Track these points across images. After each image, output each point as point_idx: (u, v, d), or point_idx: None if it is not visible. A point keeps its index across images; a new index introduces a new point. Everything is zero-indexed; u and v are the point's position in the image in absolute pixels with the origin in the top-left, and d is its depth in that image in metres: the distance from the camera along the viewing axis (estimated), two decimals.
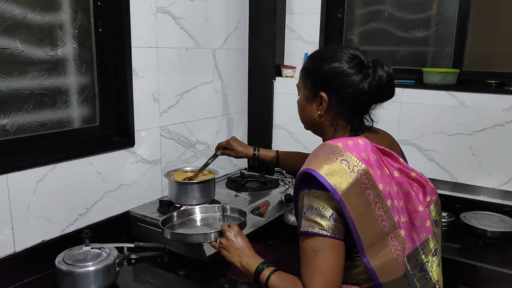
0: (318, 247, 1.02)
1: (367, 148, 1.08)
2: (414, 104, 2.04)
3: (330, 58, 1.15)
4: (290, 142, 2.41)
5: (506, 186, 1.92)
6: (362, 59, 1.14)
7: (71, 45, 1.62)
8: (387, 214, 1.06)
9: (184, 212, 1.57)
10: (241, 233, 1.30)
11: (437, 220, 1.20)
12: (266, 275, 1.14)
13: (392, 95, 1.17)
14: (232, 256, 1.25)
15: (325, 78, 1.15)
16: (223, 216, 1.58)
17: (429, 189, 1.18)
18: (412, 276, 1.11)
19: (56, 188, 1.51)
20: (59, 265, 1.35)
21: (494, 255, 1.76)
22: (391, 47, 2.29)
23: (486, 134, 1.92)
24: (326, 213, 1.03)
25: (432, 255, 1.16)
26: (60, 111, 1.61)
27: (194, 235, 1.36)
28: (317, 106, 1.18)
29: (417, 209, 1.12)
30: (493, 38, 2.07)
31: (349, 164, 1.04)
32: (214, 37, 2.14)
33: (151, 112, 1.86)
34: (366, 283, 1.13)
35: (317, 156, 1.08)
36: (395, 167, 1.13)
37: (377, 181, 1.05)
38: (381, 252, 1.05)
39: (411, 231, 1.12)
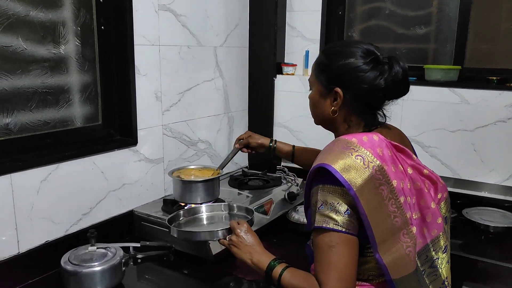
0: (333, 243, 1.02)
1: (381, 144, 1.08)
2: (416, 101, 2.05)
3: (345, 53, 1.14)
4: (291, 139, 2.40)
5: (508, 182, 1.93)
6: (377, 55, 1.13)
7: (73, 43, 1.60)
8: (400, 210, 1.06)
9: (190, 210, 1.56)
10: (251, 230, 1.29)
11: (446, 217, 1.20)
12: (279, 272, 1.13)
13: (407, 91, 1.16)
14: (242, 253, 1.24)
15: (340, 73, 1.14)
16: (229, 215, 1.57)
17: (440, 186, 1.18)
18: (422, 272, 1.12)
19: (59, 187, 1.49)
20: (64, 265, 1.33)
21: (496, 250, 1.77)
22: (392, 44, 2.30)
23: (488, 130, 1.92)
24: (341, 209, 1.03)
25: (442, 252, 1.16)
26: (63, 110, 1.60)
27: (201, 232, 1.35)
28: (331, 101, 1.17)
29: (429, 205, 1.12)
30: (494, 35, 2.08)
31: (364, 160, 1.04)
32: (215, 34, 2.13)
33: (154, 111, 1.84)
34: (376, 279, 1.12)
35: (331, 151, 1.08)
36: (408, 163, 1.13)
37: (391, 178, 1.05)
38: (393, 248, 1.05)
39: (422, 227, 1.12)
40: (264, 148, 1.77)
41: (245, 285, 1.45)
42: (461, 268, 1.70)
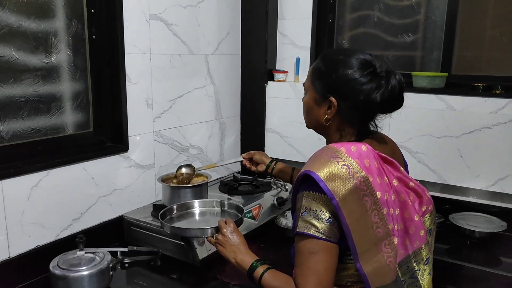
0: (313, 249, 1.04)
1: (369, 155, 1.09)
2: (404, 107, 2.03)
3: (343, 63, 1.14)
4: (282, 145, 2.44)
5: (494, 188, 1.95)
6: (375, 68, 1.14)
7: (65, 52, 1.64)
8: (383, 221, 1.07)
9: (183, 205, 1.60)
10: (237, 230, 1.32)
11: (431, 229, 1.22)
12: (260, 272, 1.16)
13: (401, 105, 1.18)
14: (227, 252, 1.27)
15: (337, 83, 1.15)
16: (221, 211, 1.61)
17: (426, 199, 1.19)
18: (402, 282, 1.13)
19: (50, 193, 1.53)
20: (53, 269, 1.37)
21: (481, 255, 1.80)
22: (381, 52, 2.33)
23: (473, 136, 1.96)
24: (323, 216, 1.05)
25: (424, 263, 1.18)
26: (55, 118, 1.64)
27: (192, 229, 1.39)
28: (325, 110, 1.18)
29: (412, 218, 1.13)
30: (480, 42, 2.12)
31: (349, 170, 1.05)
32: (206, 43, 2.17)
33: (145, 118, 1.88)
34: (354, 285, 1.14)
35: (319, 158, 1.09)
36: (395, 175, 1.13)
37: (376, 189, 1.07)
38: (374, 258, 1.07)
39: (404, 238, 1.13)
40: (264, 166, 1.76)
41: None
42: (446, 273, 1.72)
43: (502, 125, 1.89)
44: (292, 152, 2.40)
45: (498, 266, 1.69)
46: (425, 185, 2.08)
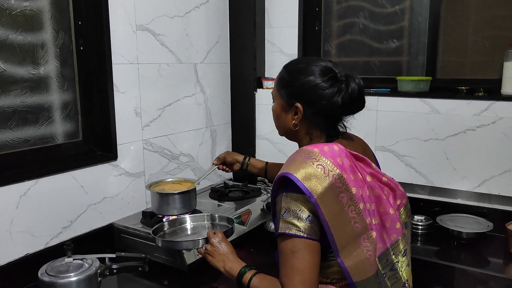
0: (295, 248, 1.07)
1: (341, 153, 1.14)
2: (390, 112, 2.11)
3: (305, 71, 1.20)
4: (273, 152, 2.47)
5: (480, 189, 1.98)
6: (335, 73, 1.19)
7: (53, 64, 1.67)
8: (360, 216, 1.11)
9: (175, 221, 1.63)
10: (225, 239, 1.36)
11: (406, 223, 1.25)
12: (248, 278, 1.19)
13: (363, 107, 1.23)
14: (216, 261, 1.31)
15: (300, 90, 1.20)
16: (212, 224, 1.64)
17: (399, 193, 1.23)
18: (383, 275, 1.16)
19: (39, 202, 1.56)
20: (41, 276, 1.38)
21: (469, 255, 1.81)
22: (367, 58, 2.37)
23: (458, 138, 1.98)
24: (303, 215, 1.08)
25: (402, 255, 1.21)
26: (43, 128, 1.66)
27: (184, 242, 1.42)
28: (292, 116, 1.23)
29: (388, 211, 1.17)
30: (463, 47, 2.15)
31: (324, 169, 1.09)
32: (195, 52, 2.21)
33: (134, 126, 1.91)
34: (339, 282, 1.17)
35: (294, 160, 1.13)
36: (367, 171, 1.18)
37: (351, 185, 1.11)
38: (354, 252, 1.10)
39: (382, 232, 1.17)
40: (239, 164, 1.81)
41: None
42: (434, 274, 1.74)
43: (485, 126, 1.92)
44: (283, 158, 2.38)
45: (486, 266, 1.70)
46: (413, 188, 2.14)
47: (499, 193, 1.94)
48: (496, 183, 1.94)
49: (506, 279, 1.61)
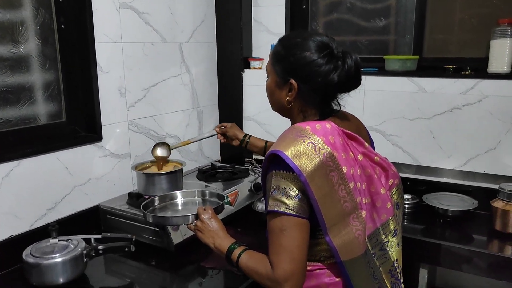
0: (284, 226, 1.07)
1: (334, 132, 1.13)
2: (377, 91, 2.11)
3: (301, 46, 1.16)
4: (260, 132, 2.45)
5: (465, 167, 1.99)
6: (332, 49, 1.16)
7: (33, 42, 1.63)
8: (350, 195, 1.11)
9: (165, 197, 1.62)
10: (215, 216, 1.35)
11: (398, 203, 1.25)
12: (237, 254, 1.19)
13: (359, 84, 1.20)
14: (206, 237, 1.30)
15: (295, 66, 1.17)
16: (203, 200, 1.63)
17: (392, 173, 1.23)
18: (372, 255, 1.17)
19: (22, 183, 1.53)
20: (26, 258, 1.37)
21: (454, 233, 1.84)
22: (354, 37, 2.36)
23: (445, 117, 1.99)
24: (292, 193, 1.07)
25: (392, 235, 1.21)
26: (25, 108, 1.63)
27: (174, 217, 1.42)
28: (287, 92, 1.20)
29: (379, 191, 1.17)
30: (450, 25, 2.15)
31: (315, 147, 1.08)
32: (180, 31, 2.17)
33: (118, 107, 1.88)
34: (327, 260, 1.18)
35: (285, 138, 1.12)
36: (359, 151, 1.17)
37: (342, 164, 1.10)
38: (343, 231, 1.10)
39: (372, 212, 1.17)
40: (239, 141, 1.83)
41: (207, 272, 1.50)
42: (420, 251, 1.76)
43: (471, 105, 1.92)
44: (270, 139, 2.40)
45: (470, 243, 1.73)
46: (399, 167, 2.15)
47: (484, 171, 1.96)
48: (481, 161, 1.95)
49: (490, 254, 1.64)
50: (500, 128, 1.89)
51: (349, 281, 1.13)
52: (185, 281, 1.48)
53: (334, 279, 1.16)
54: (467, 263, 1.68)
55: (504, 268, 1.62)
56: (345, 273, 1.12)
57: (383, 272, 1.19)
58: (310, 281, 1.15)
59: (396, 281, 1.22)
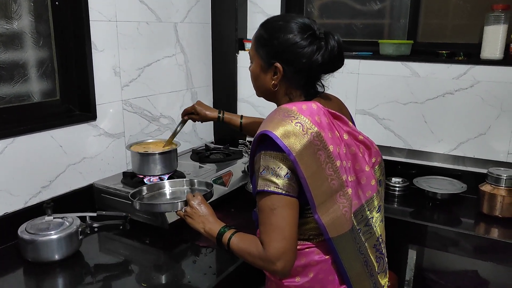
0: (274, 205, 1.08)
1: (319, 112, 1.14)
2: (371, 75, 2.12)
3: (283, 28, 1.17)
4: (254, 114, 2.45)
5: (456, 151, 2.03)
6: (314, 30, 1.17)
7: (27, 18, 1.61)
8: (336, 173, 1.13)
9: (154, 186, 1.60)
10: (205, 201, 1.36)
11: (381, 180, 1.28)
12: (228, 237, 1.20)
13: (342, 64, 1.21)
14: (196, 223, 1.31)
15: (279, 49, 1.17)
16: (191, 189, 1.63)
17: (374, 151, 1.25)
18: (358, 230, 1.20)
19: (16, 161, 1.53)
20: (21, 234, 1.38)
21: (442, 215, 1.88)
22: (349, 20, 2.35)
23: (437, 102, 2.01)
24: (281, 172, 1.08)
25: (376, 211, 1.24)
26: (19, 85, 1.62)
27: (162, 204, 1.41)
28: (272, 76, 1.21)
29: (363, 169, 1.20)
30: (444, 10, 2.15)
31: (303, 126, 1.09)
32: (175, 10, 2.15)
33: (113, 86, 1.87)
34: (316, 238, 1.19)
35: (273, 118, 1.13)
36: (344, 130, 1.19)
37: (328, 143, 1.12)
38: (331, 209, 1.12)
39: (357, 189, 1.20)
40: (212, 119, 1.76)
41: (200, 250, 1.52)
42: (409, 232, 1.80)
43: (463, 90, 1.95)
44: None
45: (458, 225, 1.77)
46: (391, 150, 2.18)
47: (474, 155, 2.00)
48: (472, 146, 1.99)
49: (477, 236, 1.69)
50: (491, 113, 1.92)
51: (337, 257, 1.15)
52: (179, 259, 1.51)
53: (323, 257, 1.18)
54: (455, 245, 1.72)
55: (490, 250, 1.66)
56: (333, 249, 1.15)
57: (368, 247, 1.22)
58: (300, 260, 1.17)
59: (380, 255, 1.26)
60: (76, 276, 1.37)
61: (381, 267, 1.26)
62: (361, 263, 1.20)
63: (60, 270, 1.38)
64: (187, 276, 1.38)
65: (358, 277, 1.20)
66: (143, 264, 1.46)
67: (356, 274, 1.19)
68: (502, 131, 1.91)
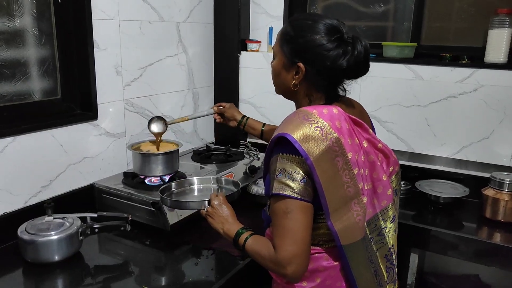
0: (289, 209, 1.07)
1: (340, 117, 1.12)
2: (374, 77, 2.11)
3: (311, 28, 1.14)
4: (256, 116, 2.43)
5: (458, 155, 2.02)
6: (342, 33, 1.14)
7: (29, 16, 1.60)
8: (353, 181, 1.11)
9: (182, 182, 1.65)
10: (226, 202, 1.36)
11: (396, 190, 1.26)
12: (244, 238, 1.21)
13: (367, 71, 1.19)
14: (216, 223, 1.32)
15: (304, 49, 1.15)
16: (218, 187, 1.66)
17: (392, 160, 1.23)
18: (370, 239, 1.18)
19: (17, 160, 1.51)
20: (21, 234, 1.37)
21: (444, 219, 1.87)
22: (353, 22, 2.34)
23: (440, 105, 2.00)
24: (298, 177, 1.07)
25: (390, 221, 1.23)
26: (20, 83, 1.60)
27: (191, 202, 1.45)
28: (293, 75, 1.18)
29: (380, 178, 1.18)
30: (448, 13, 2.15)
31: (322, 131, 1.08)
32: (177, 10, 2.14)
33: (114, 85, 1.86)
34: (326, 244, 1.19)
35: (292, 121, 1.11)
36: (364, 137, 1.17)
37: (347, 150, 1.10)
38: (345, 216, 1.11)
39: (373, 198, 1.18)
40: (236, 122, 1.80)
41: (202, 253, 1.51)
42: (411, 236, 1.79)
43: (467, 94, 1.94)
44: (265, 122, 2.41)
45: (460, 229, 1.76)
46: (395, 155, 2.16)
47: (477, 159, 1.99)
48: (474, 149, 1.98)
49: (479, 241, 1.68)
50: (494, 117, 1.91)
51: (347, 264, 1.14)
52: (180, 261, 1.49)
53: (332, 263, 1.17)
54: (457, 249, 1.71)
55: (492, 254, 1.65)
56: (344, 256, 1.13)
57: (379, 256, 1.20)
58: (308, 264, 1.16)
59: (391, 266, 1.24)
60: (76, 277, 1.35)
61: (390, 277, 1.25)
62: (371, 272, 1.19)
63: (60, 271, 1.36)
64: (189, 279, 1.36)
65: (367, 285, 1.19)
66: (143, 265, 1.44)
67: (365, 283, 1.19)
68: (505, 135, 1.91)
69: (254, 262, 1.21)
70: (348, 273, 1.16)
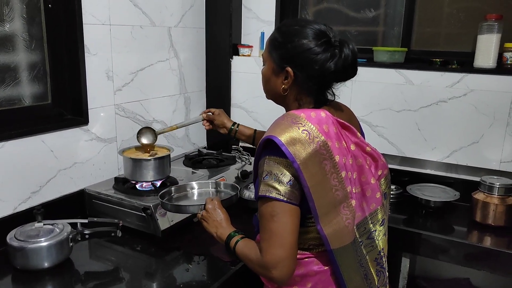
0: (275, 212, 1.07)
1: (328, 120, 1.13)
2: (365, 82, 2.12)
3: (299, 33, 1.15)
4: (248, 120, 2.45)
5: (449, 159, 2.03)
6: (329, 37, 1.15)
7: (19, 21, 1.59)
8: (341, 184, 1.11)
9: (181, 187, 1.67)
10: (221, 206, 1.38)
11: (386, 193, 1.27)
12: (235, 241, 1.23)
13: (355, 74, 1.20)
14: (210, 227, 1.34)
15: (292, 53, 1.16)
16: (216, 191, 1.68)
17: (381, 163, 1.24)
18: (360, 243, 1.18)
19: (6, 165, 1.50)
20: (10, 241, 1.35)
21: (435, 223, 1.88)
22: (343, 27, 2.36)
23: (430, 110, 2.02)
24: (284, 179, 1.07)
25: (380, 224, 1.23)
26: (10, 89, 1.59)
27: (189, 206, 1.48)
28: (283, 80, 1.19)
29: (369, 181, 1.18)
30: (438, 19, 2.17)
31: (310, 134, 1.08)
32: (169, 15, 2.14)
33: (105, 90, 1.85)
34: (316, 248, 1.19)
35: (280, 124, 1.12)
36: (352, 140, 1.18)
37: (334, 153, 1.10)
38: (334, 220, 1.11)
39: (361, 201, 1.18)
40: (226, 130, 1.77)
41: (193, 258, 1.50)
42: (402, 240, 1.80)
43: (456, 98, 1.95)
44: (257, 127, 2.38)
45: (451, 233, 1.78)
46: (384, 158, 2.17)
47: (467, 163, 2.00)
48: (464, 154, 2.00)
49: (470, 245, 1.69)
50: (484, 122, 1.93)
51: (337, 268, 1.14)
52: (172, 267, 1.48)
53: (323, 268, 1.18)
54: (448, 253, 1.72)
55: (483, 258, 1.67)
56: (334, 261, 1.13)
57: (369, 260, 1.21)
58: (298, 269, 1.16)
59: (381, 269, 1.25)
60: (66, 284, 1.34)
61: (381, 281, 1.25)
62: (361, 276, 1.19)
63: (50, 278, 1.35)
64: (180, 285, 1.35)
65: None
66: (134, 271, 1.43)
67: (355, 287, 1.18)
68: (495, 140, 1.92)
69: (245, 267, 1.22)
70: (338, 277, 1.16)
